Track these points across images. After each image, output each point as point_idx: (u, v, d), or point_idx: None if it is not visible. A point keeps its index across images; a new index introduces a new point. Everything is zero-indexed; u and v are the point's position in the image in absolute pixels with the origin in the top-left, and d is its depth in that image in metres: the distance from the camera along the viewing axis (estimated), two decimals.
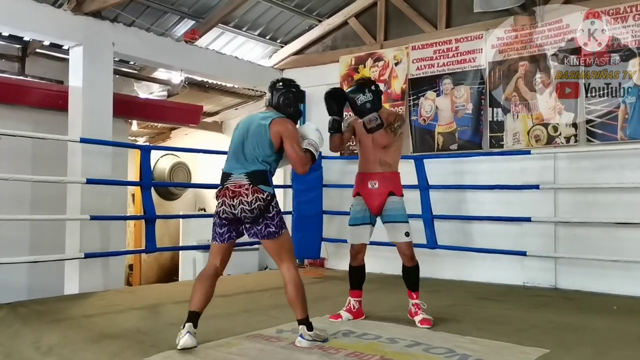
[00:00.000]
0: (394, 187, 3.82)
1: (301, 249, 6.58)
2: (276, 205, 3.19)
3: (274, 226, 3.15)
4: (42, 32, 5.44)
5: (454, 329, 3.63)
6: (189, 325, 3.08)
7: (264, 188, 3.13)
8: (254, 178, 3.14)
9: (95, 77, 5.49)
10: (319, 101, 7.26)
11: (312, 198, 6.50)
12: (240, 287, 5.31)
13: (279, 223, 3.17)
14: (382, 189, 3.79)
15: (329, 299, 4.83)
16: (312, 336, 3.19)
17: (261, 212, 3.11)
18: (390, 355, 3.02)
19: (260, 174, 3.16)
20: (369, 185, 3.82)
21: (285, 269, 3.20)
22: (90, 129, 5.28)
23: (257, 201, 3.10)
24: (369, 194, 3.82)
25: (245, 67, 7.30)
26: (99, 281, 5.31)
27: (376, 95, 3.72)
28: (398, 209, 3.80)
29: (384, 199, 3.78)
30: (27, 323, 3.66)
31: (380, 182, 3.79)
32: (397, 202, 3.81)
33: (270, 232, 3.15)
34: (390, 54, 6.69)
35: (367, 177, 3.85)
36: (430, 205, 5.83)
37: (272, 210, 3.15)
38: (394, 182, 3.84)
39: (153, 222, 5.28)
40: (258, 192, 3.11)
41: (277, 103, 3.40)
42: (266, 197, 3.12)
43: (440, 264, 6.13)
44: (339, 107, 3.79)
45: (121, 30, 5.85)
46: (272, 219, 3.15)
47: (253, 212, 3.11)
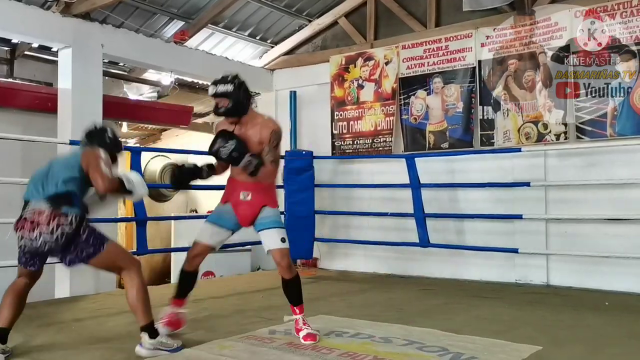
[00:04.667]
0: (268, 200, 3.38)
1: (294, 249, 6.44)
2: (87, 225, 2.95)
3: (91, 247, 2.91)
4: (31, 34, 5.40)
5: (447, 327, 3.63)
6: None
7: (68, 210, 2.88)
8: (55, 201, 2.88)
9: (84, 79, 5.45)
10: (310, 101, 7.32)
11: (304, 198, 6.49)
12: (232, 289, 5.30)
13: (96, 242, 2.93)
14: (255, 201, 3.34)
15: (322, 299, 4.82)
16: (155, 345, 2.98)
17: (71, 238, 2.87)
18: (383, 355, 3.02)
19: (63, 196, 2.91)
20: (241, 196, 3.36)
21: (125, 276, 3.01)
22: (80, 131, 5.16)
23: (59, 226, 2.83)
24: (238, 204, 3.37)
25: (236, 67, 7.25)
26: (90, 284, 5.27)
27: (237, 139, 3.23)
28: (273, 215, 3.37)
29: (257, 212, 3.34)
30: (17, 327, 3.60)
31: (254, 194, 3.34)
32: (272, 211, 3.38)
33: (89, 254, 2.92)
34: (381, 54, 6.69)
35: (240, 186, 3.37)
36: (422, 204, 5.83)
37: (83, 233, 2.91)
38: (268, 194, 3.40)
39: (144, 224, 5.25)
40: (60, 217, 2.85)
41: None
42: (72, 220, 2.87)
43: (432, 262, 6.15)
44: (192, 175, 3.43)
45: (110, 31, 5.81)
46: (87, 242, 2.91)
47: (59, 241, 2.85)
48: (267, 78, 7.66)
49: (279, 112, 7.55)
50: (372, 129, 6.68)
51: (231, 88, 3.25)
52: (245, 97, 3.32)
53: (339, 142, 6.96)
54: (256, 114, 3.44)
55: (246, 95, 3.33)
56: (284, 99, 7.52)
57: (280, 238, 3.34)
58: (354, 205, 6.73)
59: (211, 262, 6.33)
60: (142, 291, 3.00)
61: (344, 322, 3.81)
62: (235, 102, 3.26)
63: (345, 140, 6.90)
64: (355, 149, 6.82)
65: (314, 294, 5.14)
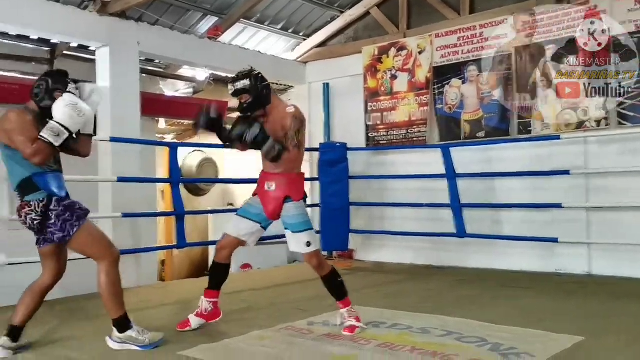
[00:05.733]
0: (291, 191, 3.32)
1: (329, 241, 6.60)
2: (56, 207, 2.87)
3: (59, 231, 2.86)
4: (69, 34, 5.54)
5: (485, 318, 3.60)
6: (5, 340, 2.97)
7: (30, 198, 2.85)
8: (21, 192, 2.89)
9: (122, 77, 5.57)
10: (343, 93, 7.31)
11: (339, 190, 6.50)
12: (270, 281, 5.36)
13: (65, 224, 2.86)
14: (278, 193, 3.32)
15: (359, 290, 4.83)
16: (123, 339, 2.96)
17: (40, 223, 2.85)
18: (421, 346, 3.02)
19: (25, 183, 2.87)
20: (266, 186, 3.36)
21: (100, 265, 2.96)
22: (119, 128, 5.37)
23: (28, 215, 2.84)
24: (264, 196, 3.37)
25: (268, 61, 7.31)
26: (132, 277, 5.40)
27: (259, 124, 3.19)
28: (296, 215, 3.31)
29: (280, 204, 3.31)
30: (62, 321, 3.75)
31: (278, 184, 3.32)
32: (295, 209, 3.32)
33: (60, 237, 2.88)
34: (414, 43, 6.63)
35: (266, 176, 3.39)
36: (458, 194, 5.78)
37: (51, 216, 2.85)
38: (291, 185, 3.35)
39: (183, 218, 5.35)
40: (25, 207, 2.85)
41: (31, 94, 2.96)
42: (35, 207, 2.84)
43: (469, 253, 6.09)
44: (215, 123, 3.34)
45: (145, 29, 5.92)
46: (54, 224, 2.86)
47: (33, 227, 2.88)
48: (299, 71, 7.69)
49: (312, 105, 7.58)
50: (406, 120, 6.64)
51: (249, 82, 3.26)
52: (265, 87, 3.31)
53: (372, 133, 6.93)
54: (278, 102, 3.42)
55: (265, 85, 3.32)
56: (317, 91, 7.53)
57: (306, 242, 3.29)
58: (388, 196, 6.71)
59: (248, 255, 6.42)
60: (113, 284, 2.94)
61: (381, 313, 3.82)
62: (256, 95, 3.26)
63: (379, 131, 6.88)
64: (390, 140, 6.79)
65: (350, 285, 5.13)
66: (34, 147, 2.78)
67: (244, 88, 3.26)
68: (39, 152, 2.79)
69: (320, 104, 7.41)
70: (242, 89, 3.26)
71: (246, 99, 3.27)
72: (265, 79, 3.34)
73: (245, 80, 3.26)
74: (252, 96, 3.26)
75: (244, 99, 3.28)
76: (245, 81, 3.26)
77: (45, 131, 2.80)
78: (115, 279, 2.95)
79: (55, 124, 2.81)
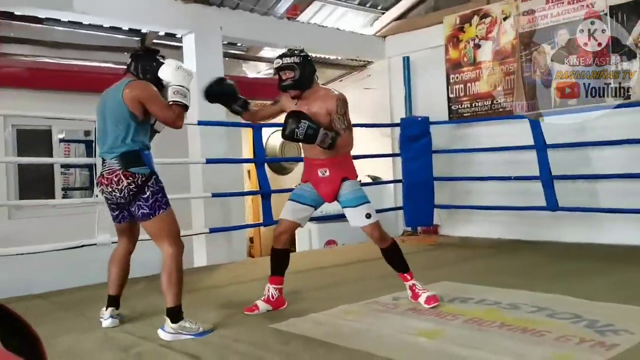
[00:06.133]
0: (347, 172, 3.36)
1: (413, 216, 6.55)
2: (153, 185, 2.95)
3: (147, 207, 2.93)
4: (157, 23, 5.80)
5: (580, 293, 3.44)
6: (111, 310, 3.14)
7: (135, 170, 2.92)
8: (125, 161, 2.93)
9: (206, 61, 5.77)
10: (423, 66, 7.15)
11: (422, 165, 6.42)
12: (354, 257, 5.41)
13: (154, 204, 2.94)
14: (333, 176, 3.33)
15: (444, 266, 4.79)
16: (176, 329, 2.93)
17: (135, 195, 2.93)
18: (511, 322, 2.95)
19: (131, 155, 2.94)
20: (319, 173, 3.35)
21: (164, 252, 2.99)
22: (205, 111, 5.58)
23: (128, 185, 2.91)
24: (319, 182, 3.38)
25: (347, 37, 7.28)
26: (223, 254, 5.67)
27: (307, 117, 3.17)
28: (354, 190, 3.34)
29: (338, 186, 3.33)
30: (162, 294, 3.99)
31: (331, 169, 3.32)
32: (352, 185, 3.35)
33: (144, 213, 2.94)
34: (498, 9, 6.34)
35: (316, 164, 3.36)
36: (548, 166, 5.52)
37: (146, 192, 2.93)
38: (345, 166, 3.38)
39: (268, 197, 5.51)
40: (129, 177, 2.91)
41: (136, 69, 3.07)
42: (137, 179, 2.92)
43: (562, 227, 5.82)
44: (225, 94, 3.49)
45: (227, 13, 6.08)
46: (146, 200, 2.93)
47: (126, 198, 2.94)
48: (379, 45, 7.59)
49: (393, 79, 7.49)
50: (491, 90, 6.40)
51: (297, 60, 3.25)
52: (311, 71, 3.31)
53: (455, 106, 6.75)
54: (318, 88, 3.39)
55: (312, 69, 3.32)
56: (396, 65, 7.42)
57: (365, 214, 3.31)
58: (473, 170, 6.53)
59: (333, 231, 6.52)
60: (176, 273, 2.97)
61: (468, 288, 3.76)
62: (301, 74, 3.25)
63: (463, 103, 6.68)
64: (474, 111, 6.58)
65: (435, 260, 5.12)
66: (177, 111, 2.94)
67: (291, 64, 3.25)
68: (180, 116, 2.97)
69: (400, 78, 7.30)
70: (288, 64, 3.26)
71: (289, 75, 3.27)
72: (313, 64, 3.35)
73: (295, 58, 3.27)
74: (297, 74, 3.25)
75: (287, 76, 3.28)
76: (295, 58, 3.26)
77: (174, 95, 2.94)
78: (178, 268, 2.99)
79: (178, 87, 2.95)
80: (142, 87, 2.95)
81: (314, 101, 3.29)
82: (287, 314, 3.29)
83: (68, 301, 3.22)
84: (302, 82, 3.28)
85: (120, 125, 2.94)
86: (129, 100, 2.91)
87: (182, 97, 2.98)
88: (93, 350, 2.79)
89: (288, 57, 3.27)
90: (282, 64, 3.28)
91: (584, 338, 2.64)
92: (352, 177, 3.39)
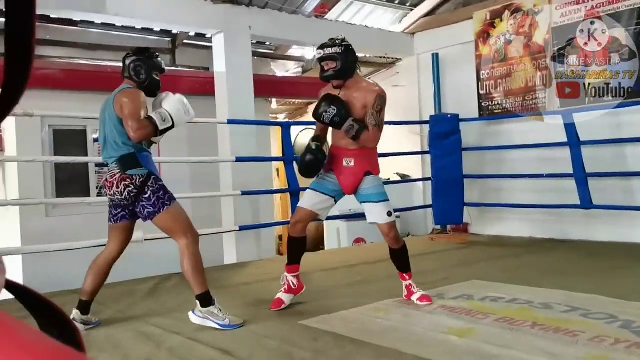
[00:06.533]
0: (371, 167, 3.36)
1: (443, 214, 6.50)
2: (153, 184, 3.03)
3: (151, 206, 3.01)
4: (188, 23, 5.88)
5: (615, 293, 3.37)
6: (75, 312, 3.11)
7: (133, 172, 3.00)
8: (123, 164, 3.02)
9: (236, 61, 5.82)
10: (453, 62, 7.08)
11: (452, 163, 6.36)
12: (383, 254, 5.37)
13: (157, 202, 3.02)
14: (357, 168, 3.32)
15: (475, 264, 4.74)
16: (205, 313, 3.02)
17: (136, 196, 3.01)
18: (543, 321, 2.90)
19: (128, 158, 3.02)
20: (344, 162, 3.34)
21: (181, 245, 3.05)
22: (235, 110, 5.65)
23: (126, 187, 3.00)
24: (342, 172, 3.36)
25: (375, 35, 7.26)
26: (253, 251, 5.72)
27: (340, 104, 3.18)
28: (376, 186, 3.33)
29: (360, 179, 3.33)
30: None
31: (357, 160, 3.32)
32: (375, 180, 3.35)
33: (149, 212, 3.02)
34: (530, 3, 6.23)
35: (342, 153, 3.35)
36: (582, 163, 5.41)
37: (147, 192, 3.01)
38: (371, 161, 3.38)
39: (297, 194, 5.53)
40: (127, 179, 3.00)
41: (129, 73, 3.12)
42: (136, 181, 3.00)
43: (595, 225, 5.70)
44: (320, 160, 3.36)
45: (256, 13, 6.12)
46: (149, 199, 3.01)
47: (127, 199, 3.03)
48: (407, 42, 7.55)
49: (422, 76, 7.43)
50: (523, 86, 6.30)
51: (339, 50, 3.22)
52: (353, 60, 3.28)
53: (486, 102, 6.67)
54: (361, 79, 3.40)
55: (354, 58, 3.30)
56: (426, 62, 7.36)
57: (387, 212, 3.30)
58: (505, 167, 6.44)
59: (362, 229, 6.50)
60: (196, 262, 3.03)
61: (499, 287, 3.71)
62: (343, 64, 3.22)
63: (494, 100, 6.59)
64: (505, 108, 6.49)
65: (465, 259, 5.07)
66: (143, 124, 2.95)
67: (332, 55, 3.24)
68: (142, 128, 2.95)
69: (429, 75, 7.24)
70: (330, 55, 3.24)
71: (331, 66, 3.26)
72: (355, 53, 3.32)
73: (337, 48, 3.24)
74: (339, 64, 3.24)
75: (329, 67, 3.27)
76: (336, 48, 3.24)
77: (155, 114, 3.00)
78: (196, 256, 3.05)
79: (165, 112, 3.01)
80: (127, 96, 3.01)
81: (355, 91, 3.28)
82: (317, 311, 3.30)
83: (102, 296, 3.29)
84: (344, 72, 3.26)
85: (115, 131, 3.03)
86: (118, 109, 3.00)
87: (160, 120, 2.99)
88: (128, 344, 2.85)
89: (330, 48, 3.25)
90: (324, 54, 3.26)
91: (619, 339, 2.58)
92: (375, 173, 3.38)
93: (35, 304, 0.49)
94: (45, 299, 0.50)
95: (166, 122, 3.01)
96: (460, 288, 3.74)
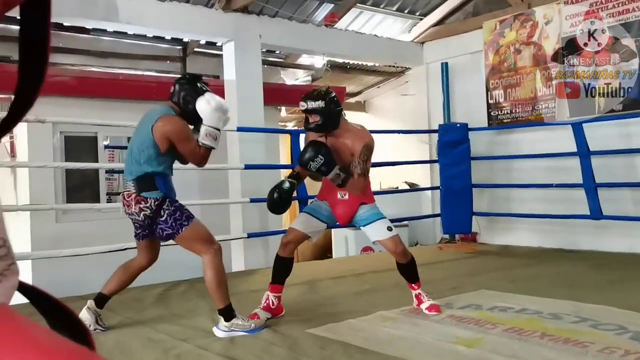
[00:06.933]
0: (366, 198, 3.38)
1: (452, 224, 6.48)
2: (168, 207, 3.00)
3: (169, 228, 2.99)
4: (199, 32, 5.93)
5: (625, 304, 3.34)
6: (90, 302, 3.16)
7: (147, 195, 2.97)
8: (138, 185, 2.99)
9: (246, 69, 5.86)
10: (462, 72, 7.09)
11: (460, 172, 6.35)
12: (391, 263, 5.36)
13: (175, 224, 2.99)
14: (352, 201, 3.34)
15: (483, 274, 4.72)
16: (229, 327, 3.03)
17: (152, 218, 3.00)
18: (553, 332, 2.89)
19: (145, 180, 2.98)
20: (338, 195, 3.36)
21: (204, 259, 3.04)
22: (245, 118, 5.68)
23: (142, 210, 2.98)
24: (336, 204, 3.39)
25: (385, 44, 7.29)
26: (261, 259, 5.72)
27: (326, 153, 3.16)
28: (372, 207, 3.37)
29: (355, 210, 3.36)
30: (203, 297, 4.06)
31: (351, 193, 3.33)
32: (371, 208, 3.37)
33: (168, 234, 3.02)
34: (540, 13, 6.24)
35: (337, 186, 3.32)
36: (592, 173, 5.39)
37: (163, 214, 2.99)
38: (365, 192, 3.37)
39: (305, 202, 5.51)
40: (141, 201, 2.97)
41: (178, 99, 3.07)
42: (151, 204, 2.97)
43: (605, 235, 5.66)
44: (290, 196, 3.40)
45: (266, 22, 6.17)
46: (165, 222, 2.99)
47: (143, 220, 3.02)
48: (417, 52, 7.57)
49: (431, 85, 7.44)
50: (532, 95, 6.29)
51: (322, 104, 3.19)
52: (336, 112, 3.26)
53: (495, 112, 6.66)
54: (347, 125, 3.35)
55: (337, 109, 3.27)
56: (435, 71, 7.37)
57: (387, 227, 3.31)
58: (514, 177, 6.43)
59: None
60: (218, 276, 3.01)
61: (508, 297, 3.70)
62: (325, 118, 3.20)
63: (503, 109, 6.59)
64: (514, 117, 6.48)
65: (474, 268, 5.05)
66: (203, 153, 3.02)
67: (315, 108, 3.20)
68: (205, 157, 3.04)
69: (438, 84, 7.25)
70: (313, 109, 3.20)
71: (315, 119, 3.24)
72: (339, 103, 3.31)
73: (320, 102, 3.19)
74: (322, 118, 3.20)
75: (313, 120, 3.25)
76: (319, 102, 3.19)
77: (206, 138, 2.99)
78: (219, 270, 3.04)
79: (212, 129, 3.00)
80: (174, 125, 2.98)
81: (342, 138, 3.29)
82: (324, 319, 3.30)
83: (111, 302, 3.31)
84: (327, 125, 3.25)
85: (143, 151, 2.99)
86: (158, 134, 2.95)
87: (212, 140, 3.02)
88: (136, 350, 2.86)
89: (312, 101, 3.21)
90: (307, 108, 3.22)
91: (629, 350, 2.56)
92: (370, 202, 3.41)
93: (47, 305, 0.50)
94: (57, 300, 0.50)
95: (217, 138, 3.04)
96: (468, 297, 3.73)
